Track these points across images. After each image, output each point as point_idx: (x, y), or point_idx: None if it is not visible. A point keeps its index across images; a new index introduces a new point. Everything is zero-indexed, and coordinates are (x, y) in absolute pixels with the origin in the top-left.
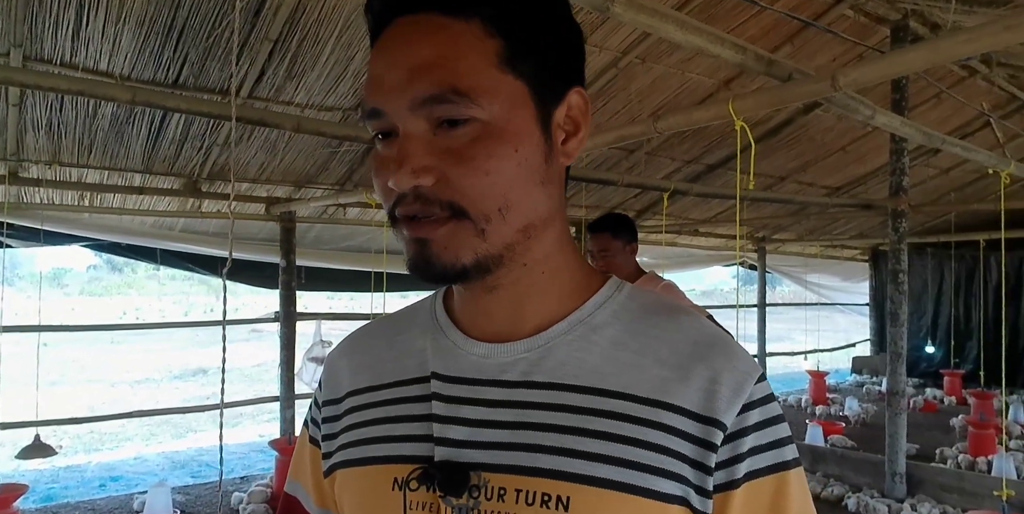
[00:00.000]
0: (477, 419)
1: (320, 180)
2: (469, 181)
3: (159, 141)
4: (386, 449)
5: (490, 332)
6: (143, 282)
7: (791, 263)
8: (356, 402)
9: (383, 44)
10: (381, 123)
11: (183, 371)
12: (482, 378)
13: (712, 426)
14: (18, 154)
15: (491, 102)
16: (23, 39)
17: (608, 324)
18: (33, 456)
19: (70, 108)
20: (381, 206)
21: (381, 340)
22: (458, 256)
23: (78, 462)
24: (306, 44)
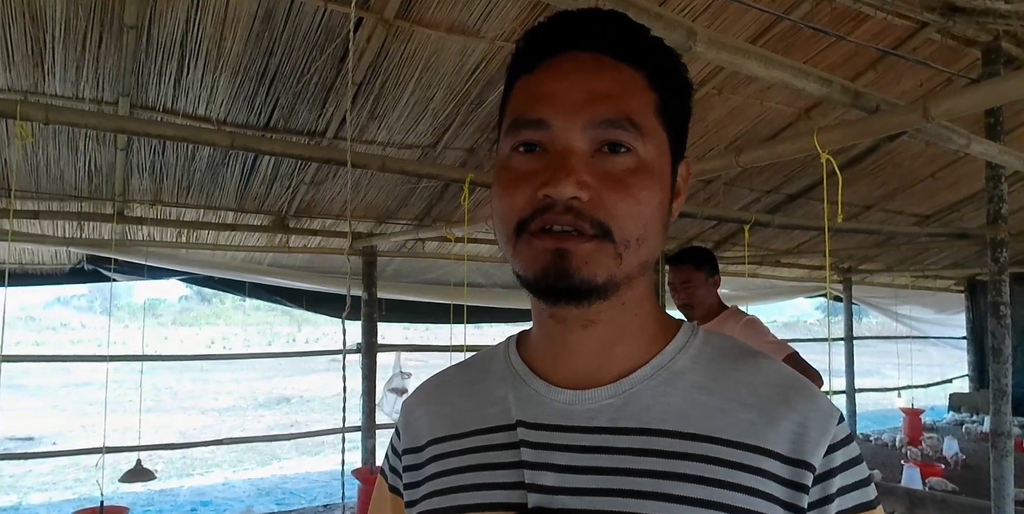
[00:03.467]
0: (568, 465)
1: (400, 215)
2: (622, 206)
3: (251, 181)
4: (477, 497)
5: (571, 377)
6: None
7: (879, 294)
8: (438, 450)
9: (557, 68)
10: (538, 134)
11: (267, 399)
12: (569, 425)
13: (802, 468)
14: (124, 195)
15: (649, 142)
16: (130, 89)
17: (689, 369)
18: (135, 480)
19: (171, 152)
20: (459, 240)
21: (458, 388)
22: (596, 274)
23: (171, 486)
24: (388, 86)
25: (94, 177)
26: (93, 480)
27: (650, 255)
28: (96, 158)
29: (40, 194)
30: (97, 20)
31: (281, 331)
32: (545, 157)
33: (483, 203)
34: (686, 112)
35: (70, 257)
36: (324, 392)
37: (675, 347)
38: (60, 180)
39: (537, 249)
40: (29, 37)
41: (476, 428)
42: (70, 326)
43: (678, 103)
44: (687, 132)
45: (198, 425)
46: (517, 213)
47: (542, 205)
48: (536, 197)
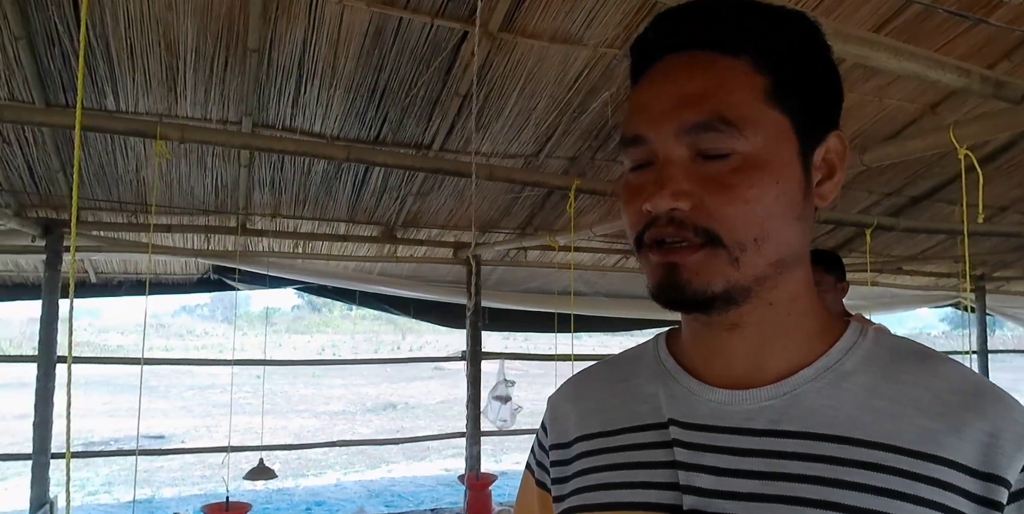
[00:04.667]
0: (724, 468)
1: (503, 225)
2: (728, 208)
3: (361, 193)
4: (628, 495)
5: (726, 376)
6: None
7: (1017, 304)
8: (587, 447)
9: (652, 77)
10: (640, 152)
11: (375, 405)
12: (725, 426)
13: (994, 483)
14: (247, 209)
15: (755, 133)
16: (252, 109)
17: (859, 370)
18: (258, 478)
19: (289, 167)
20: (563, 248)
21: (606, 385)
22: (709, 283)
23: (287, 486)
24: (492, 97)
25: (220, 192)
26: (218, 477)
27: (783, 252)
28: (222, 175)
29: (172, 209)
30: (223, 45)
31: (386, 339)
32: (651, 171)
33: (587, 211)
34: (822, 82)
35: (198, 267)
36: (428, 399)
37: (842, 347)
38: (190, 196)
39: (652, 263)
40: (164, 65)
41: (625, 425)
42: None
43: (805, 76)
44: (833, 102)
45: (311, 428)
46: (634, 229)
47: (648, 220)
48: (642, 212)
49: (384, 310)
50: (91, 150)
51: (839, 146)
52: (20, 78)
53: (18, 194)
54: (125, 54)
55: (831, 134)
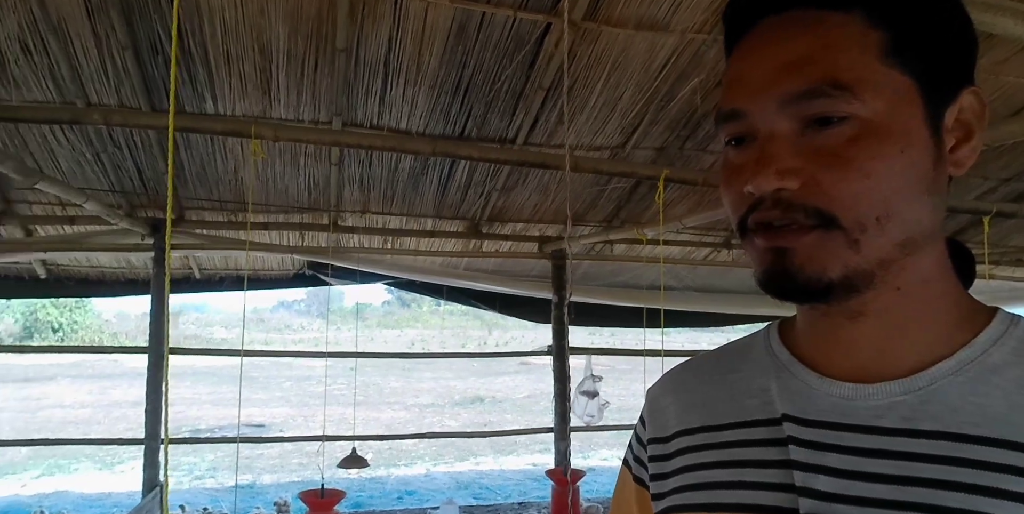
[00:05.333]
0: (848, 470)
1: (589, 218)
2: (844, 185)
3: (447, 189)
4: (736, 496)
5: (849, 369)
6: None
7: None
8: (689, 442)
9: (748, 44)
10: (739, 126)
11: (463, 399)
12: (849, 423)
13: None
14: (338, 206)
15: (874, 97)
16: (342, 108)
17: (1009, 364)
18: (351, 466)
19: (377, 165)
20: (651, 242)
21: (710, 377)
22: (824, 269)
23: (380, 475)
24: (576, 88)
25: (312, 191)
26: (314, 464)
27: (911, 231)
28: (314, 173)
29: (269, 207)
30: (313, 47)
31: (473, 334)
32: (752, 148)
33: (676, 202)
34: (950, 31)
35: (294, 263)
36: (515, 393)
37: (989, 338)
38: (285, 194)
39: (758, 249)
40: (258, 68)
41: (733, 421)
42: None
43: (928, 27)
44: (964, 54)
45: (402, 420)
46: (736, 213)
47: (752, 202)
48: (744, 194)
49: (471, 305)
50: (192, 152)
51: (976, 104)
52: (128, 85)
53: (128, 195)
54: (222, 59)
55: (965, 91)
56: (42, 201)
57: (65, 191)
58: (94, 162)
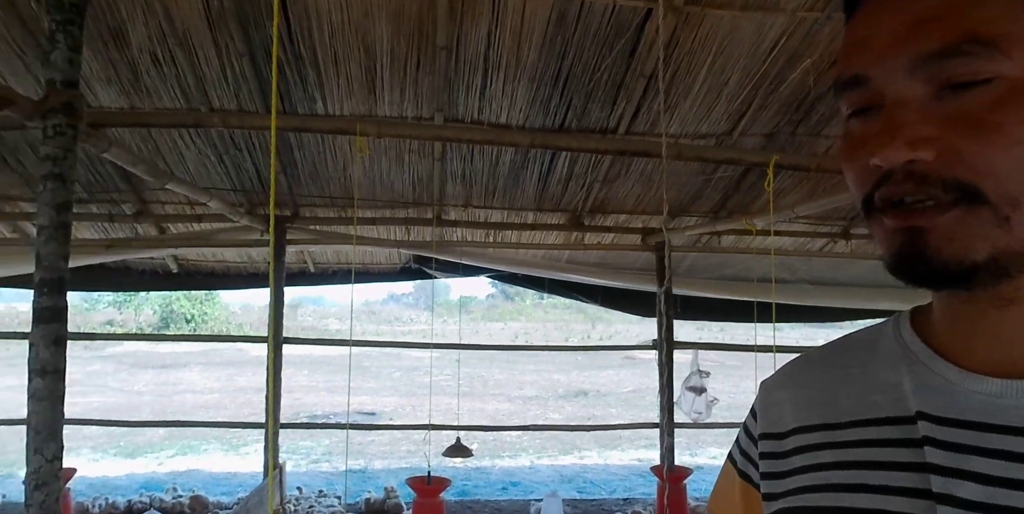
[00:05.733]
0: (996, 476)
1: (693, 209)
2: (990, 153)
3: (548, 182)
4: (865, 500)
5: (995, 363)
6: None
7: None
8: (807, 441)
9: (872, 1)
10: (862, 94)
11: (566, 392)
12: (996, 424)
13: None
14: (441, 200)
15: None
16: (443, 105)
17: None
18: (455, 455)
19: (479, 159)
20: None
21: (831, 371)
22: (967, 250)
23: (484, 465)
24: (679, 76)
25: (417, 186)
26: (421, 452)
27: None
28: (418, 169)
29: (375, 203)
30: (415, 45)
31: (576, 328)
32: (878, 117)
33: (787, 191)
34: None
35: (400, 257)
36: (619, 388)
37: None
38: (391, 190)
39: (887, 230)
40: (363, 68)
41: (858, 418)
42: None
43: None
44: None
45: (505, 411)
46: (860, 190)
47: (879, 176)
48: (870, 168)
49: (573, 297)
50: (305, 152)
51: None
52: (246, 90)
53: (248, 194)
54: (330, 61)
55: None
56: (173, 201)
57: (192, 191)
58: (217, 164)
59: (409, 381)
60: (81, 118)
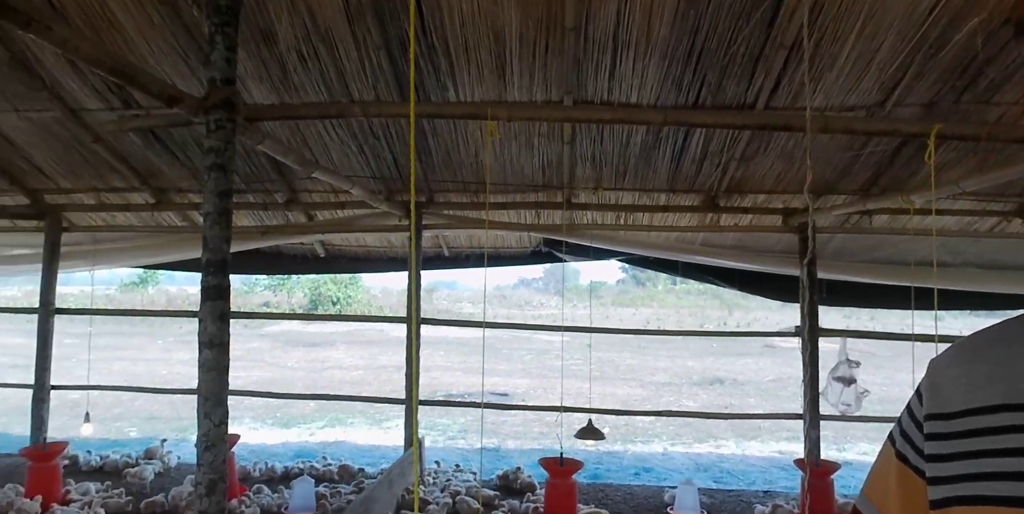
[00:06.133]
0: None
1: (840, 188)
2: None
3: (681, 162)
4: None
5: None
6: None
7: None
8: (984, 423)
9: None
10: None
11: (701, 379)
12: None
13: None
14: (571, 183)
15: None
16: (572, 87)
17: None
18: (587, 437)
19: (609, 141)
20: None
21: (1014, 349)
22: None
23: (616, 449)
24: (824, 45)
25: (546, 169)
26: (553, 434)
27: None
28: (547, 153)
29: (506, 187)
30: (543, 28)
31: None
32: None
33: (950, 165)
34: None
35: (531, 241)
36: (758, 376)
37: None
38: (521, 174)
39: None
40: (493, 55)
41: None
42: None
43: None
44: None
45: (637, 397)
46: None
47: None
48: None
49: (708, 281)
50: (438, 140)
51: None
52: (383, 81)
53: (387, 181)
54: (461, 49)
55: None
56: (319, 189)
57: (336, 179)
58: (358, 153)
59: (540, 364)
60: (239, 113)
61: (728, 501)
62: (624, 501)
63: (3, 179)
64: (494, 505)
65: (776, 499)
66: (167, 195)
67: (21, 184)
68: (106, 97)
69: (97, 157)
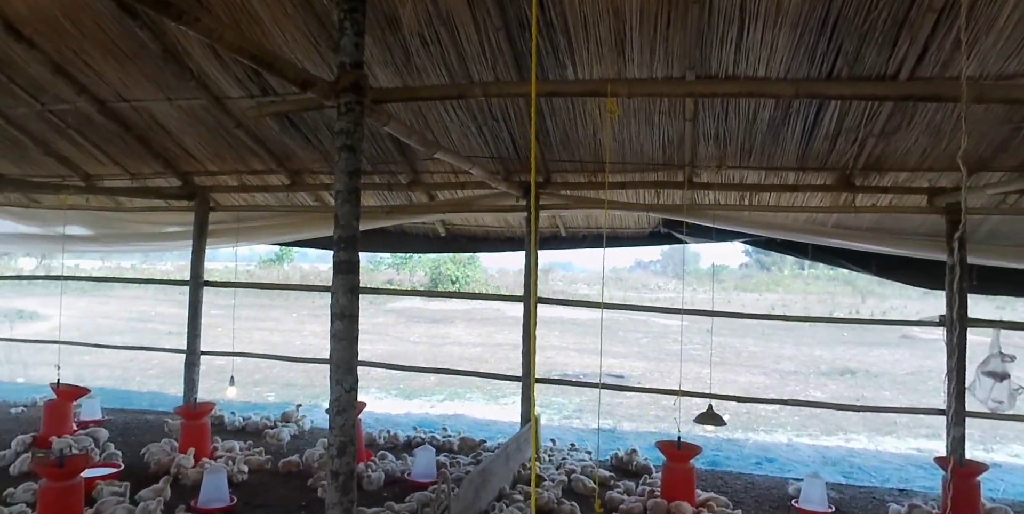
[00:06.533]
0: None
1: (996, 164)
2: None
3: (812, 138)
4: None
5: None
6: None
7: None
8: None
9: None
10: None
11: (829, 369)
12: None
13: None
14: (692, 162)
15: None
16: (695, 62)
17: None
18: (706, 422)
19: (733, 117)
20: None
21: None
22: None
23: (736, 437)
24: (980, 6)
25: (667, 148)
26: (670, 418)
27: None
28: (668, 131)
29: (625, 165)
30: (665, 1)
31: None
32: None
33: None
34: None
35: (649, 221)
36: (894, 368)
37: None
38: (640, 153)
39: None
40: (612, 31)
41: None
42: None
43: None
44: None
45: (760, 385)
46: None
47: None
48: None
49: (840, 266)
50: (556, 119)
51: None
52: (502, 62)
53: (505, 162)
54: (580, 26)
55: None
56: (440, 171)
57: (456, 159)
58: (477, 134)
59: (657, 348)
60: (367, 95)
61: (859, 497)
62: (745, 490)
63: (158, 163)
64: (609, 485)
65: (913, 499)
66: (301, 177)
67: (174, 167)
68: (246, 85)
69: (239, 141)
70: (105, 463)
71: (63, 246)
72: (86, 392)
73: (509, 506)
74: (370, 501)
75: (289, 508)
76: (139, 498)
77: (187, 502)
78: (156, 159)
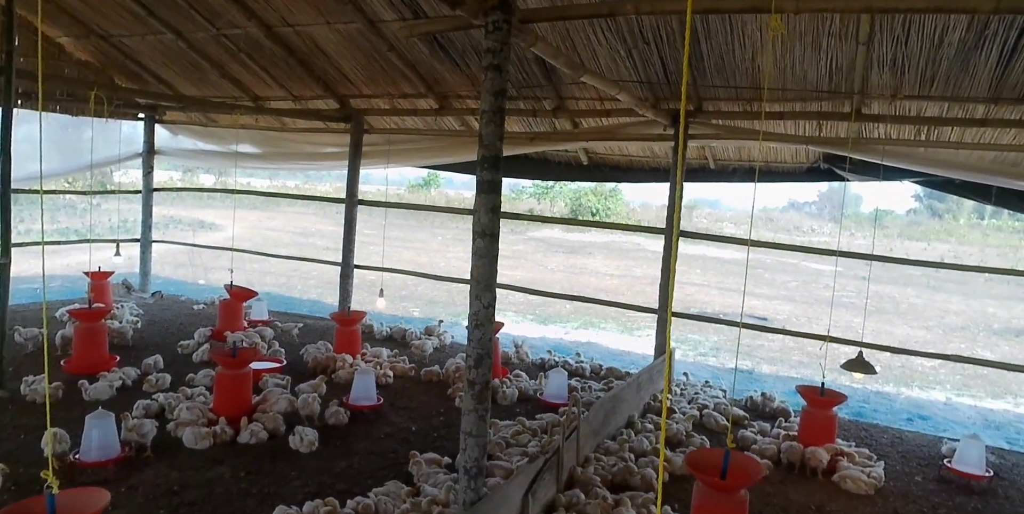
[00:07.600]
0: None
1: None
2: None
3: (1010, 66)
4: None
5: None
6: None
7: None
8: None
9: None
10: None
11: (1003, 328)
12: None
13: None
14: (863, 91)
15: None
16: None
17: None
18: (856, 370)
19: (915, 40)
20: None
21: None
22: None
23: (887, 391)
24: None
25: (834, 75)
26: (814, 364)
27: None
28: (837, 56)
29: (785, 94)
30: None
31: None
32: None
33: None
34: None
35: (808, 156)
36: None
37: None
38: (803, 80)
39: None
40: None
41: None
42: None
43: None
44: None
45: (919, 339)
46: None
47: None
48: None
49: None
50: (712, 42)
51: None
52: None
53: (654, 87)
54: None
55: None
56: (585, 97)
57: (603, 84)
58: (626, 57)
59: (805, 292)
60: (515, 14)
61: (1022, 465)
62: (891, 445)
63: (319, 86)
64: (743, 424)
65: None
66: (448, 101)
67: (332, 90)
68: (398, 8)
69: (391, 65)
70: (270, 357)
71: (235, 162)
72: (255, 295)
73: (637, 435)
74: (503, 415)
75: (430, 413)
76: (299, 391)
77: (339, 399)
78: (316, 82)
